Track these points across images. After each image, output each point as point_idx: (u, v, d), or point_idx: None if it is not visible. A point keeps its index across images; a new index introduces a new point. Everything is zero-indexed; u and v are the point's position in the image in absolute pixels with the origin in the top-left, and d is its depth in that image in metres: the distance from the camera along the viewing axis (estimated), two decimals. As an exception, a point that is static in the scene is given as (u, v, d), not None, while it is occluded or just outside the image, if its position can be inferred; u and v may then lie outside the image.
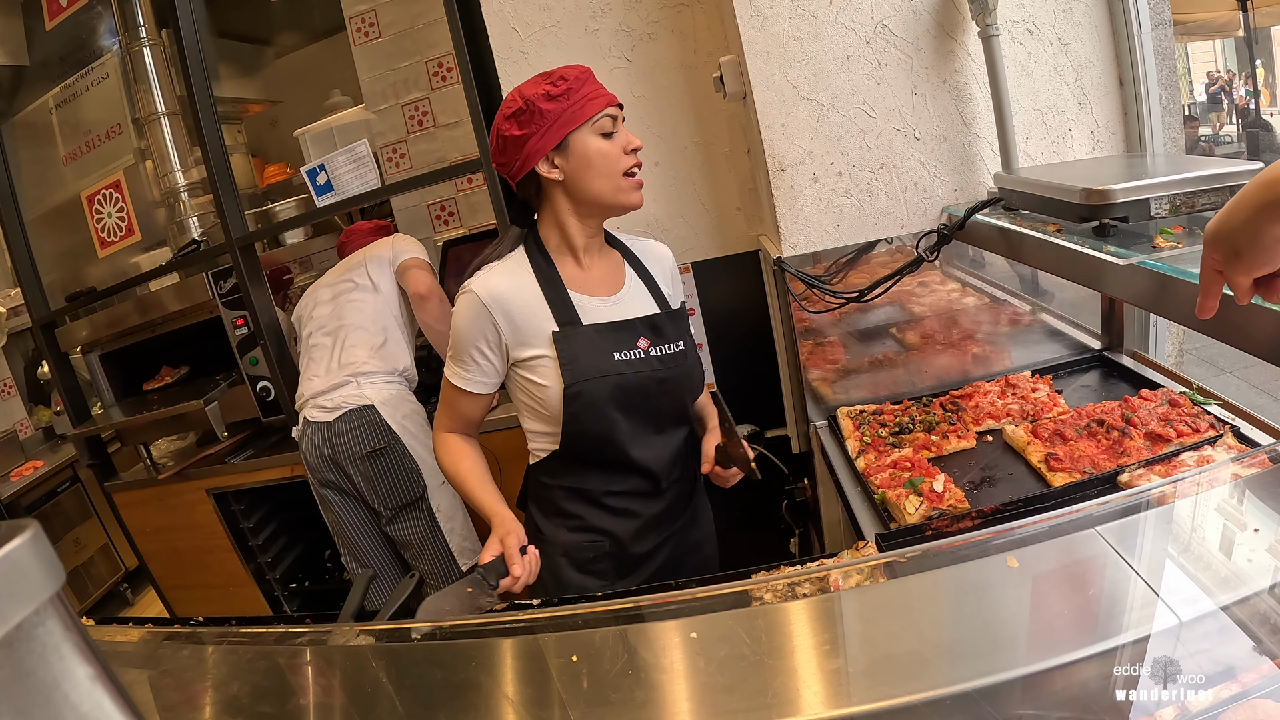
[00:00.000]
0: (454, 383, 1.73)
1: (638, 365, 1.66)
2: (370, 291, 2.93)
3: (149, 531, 3.68)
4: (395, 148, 3.37)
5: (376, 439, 2.77)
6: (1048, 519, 0.94)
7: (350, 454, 2.77)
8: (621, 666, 0.82)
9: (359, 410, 2.77)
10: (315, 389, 2.84)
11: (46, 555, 0.38)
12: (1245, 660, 0.77)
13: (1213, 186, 1.49)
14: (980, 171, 2.23)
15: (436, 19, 3.07)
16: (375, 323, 2.90)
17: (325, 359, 2.89)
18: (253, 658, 1.03)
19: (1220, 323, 1.15)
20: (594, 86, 1.63)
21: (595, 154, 1.61)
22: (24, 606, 0.37)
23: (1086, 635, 0.74)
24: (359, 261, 2.99)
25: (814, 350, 2.33)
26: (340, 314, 2.92)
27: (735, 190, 2.70)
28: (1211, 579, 0.82)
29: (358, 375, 2.82)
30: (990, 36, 2.00)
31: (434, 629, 1.02)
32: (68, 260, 3.84)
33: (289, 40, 4.45)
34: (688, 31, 2.55)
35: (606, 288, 1.74)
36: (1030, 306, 2.39)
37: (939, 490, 1.69)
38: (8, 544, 0.37)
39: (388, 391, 2.85)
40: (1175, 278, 1.25)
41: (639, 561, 1.80)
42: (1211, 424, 1.73)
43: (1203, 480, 0.95)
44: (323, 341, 2.92)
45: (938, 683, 0.72)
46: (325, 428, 2.78)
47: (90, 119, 3.68)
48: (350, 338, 2.87)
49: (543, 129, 1.60)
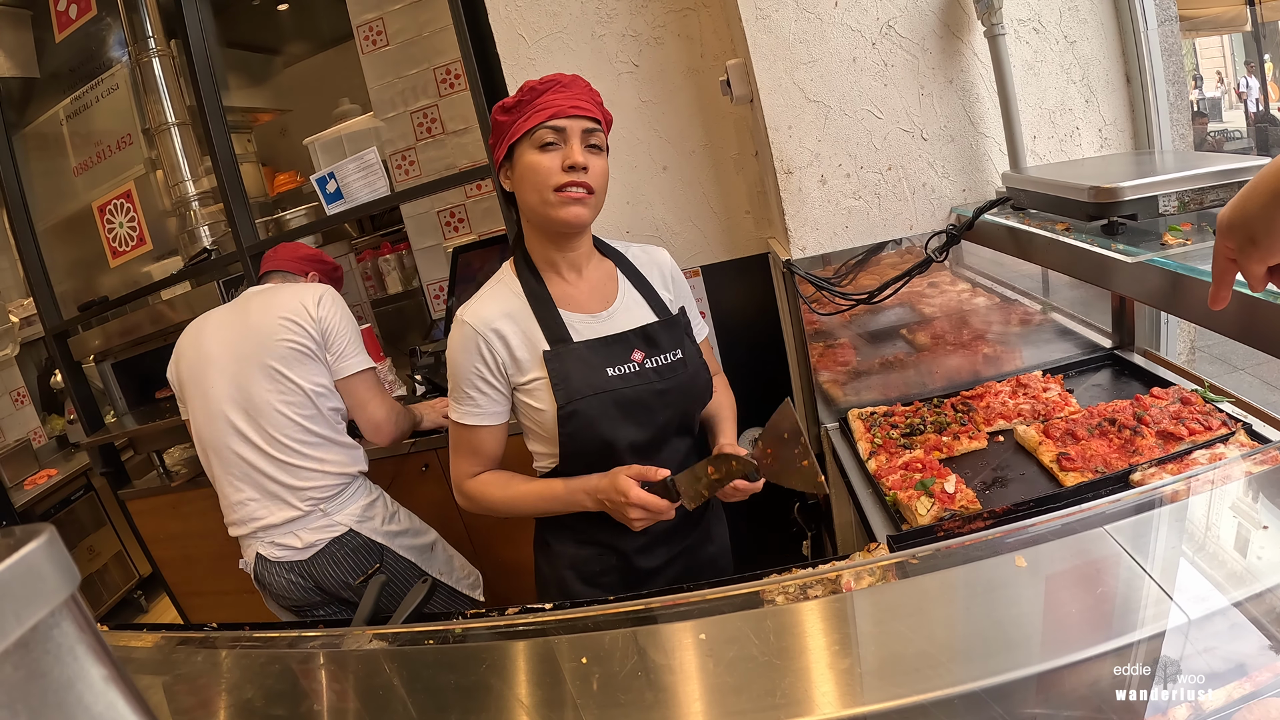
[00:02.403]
0: (465, 422, 1.69)
1: (633, 379, 1.63)
2: (293, 389, 2.29)
3: (163, 539, 3.70)
4: (404, 155, 3.38)
5: (368, 561, 2.37)
6: (1054, 518, 0.94)
7: (340, 584, 2.34)
8: (631, 668, 0.82)
9: (338, 541, 2.33)
10: (263, 522, 2.31)
11: (62, 558, 0.39)
12: (1258, 659, 0.77)
13: (1221, 183, 1.49)
14: (988, 171, 2.23)
15: (444, 26, 3.08)
16: (311, 434, 2.32)
17: (259, 480, 2.30)
18: (266, 662, 1.04)
19: (1231, 319, 1.15)
20: (553, 97, 1.56)
21: (527, 167, 1.57)
22: (40, 608, 0.37)
23: (1096, 634, 0.74)
24: (268, 335, 2.28)
25: (824, 352, 2.33)
26: (258, 410, 2.27)
27: (744, 193, 2.70)
28: (1222, 576, 0.82)
29: (322, 502, 2.33)
30: (996, 35, 2.00)
31: (447, 631, 1.02)
32: (80, 270, 3.88)
33: (297, 49, 4.48)
34: (694, 36, 2.56)
35: (598, 302, 1.71)
36: (1041, 306, 2.38)
37: (950, 491, 1.68)
38: (24, 548, 0.37)
39: (359, 504, 2.40)
40: (1185, 275, 1.25)
41: (648, 576, 1.77)
42: (1224, 421, 1.72)
43: (1213, 478, 0.95)
44: (246, 454, 2.29)
45: (945, 683, 0.72)
46: (299, 566, 2.32)
47: (101, 130, 3.72)
48: (289, 454, 2.29)
49: (499, 140, 1.60)
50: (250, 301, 2.38)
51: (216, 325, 2.38)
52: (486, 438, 1.71)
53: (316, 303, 2.31)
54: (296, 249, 2.60)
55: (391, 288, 4.16)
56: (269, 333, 2.26)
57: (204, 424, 2.34)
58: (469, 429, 1.70)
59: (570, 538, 1.76)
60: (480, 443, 1.72)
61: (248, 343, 2.28)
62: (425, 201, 3.60)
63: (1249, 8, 7.65)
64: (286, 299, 2.32)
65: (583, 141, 1.58)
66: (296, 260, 2.57)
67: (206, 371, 2.32)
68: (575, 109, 1.56)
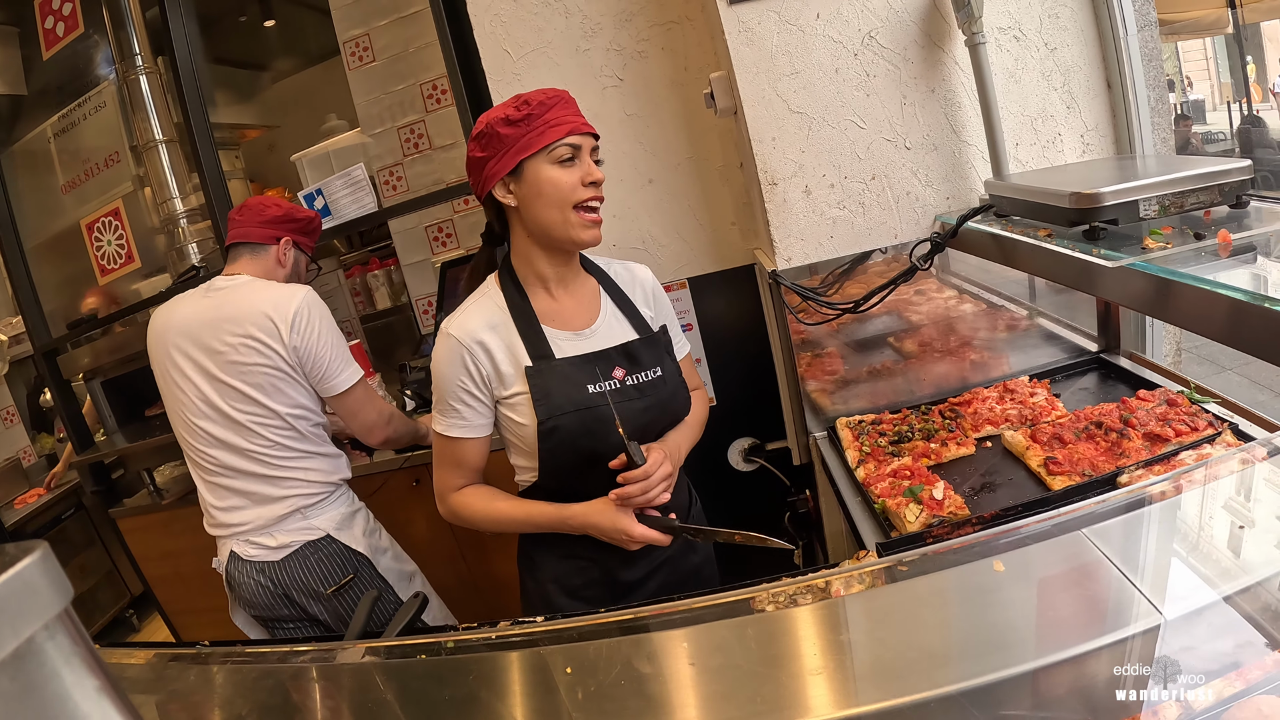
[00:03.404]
0: (449, 434, 1.69)
1: (614, 396, 1.64)
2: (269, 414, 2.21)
3: (154, 557, 3.68)
4: (392, 170, 3.38)
5: (342, 570, 2.28)
6: (1032, 522, 0.95)
7: (310, 593, 2.26)
8: (615, 677, 0.83)
9: (312, 545, 2.26)
10: (237, 520, 2.26)
11: (55, 573, 0.41)
12: (1247, 657, 0.78)
13: (1201, 185, 1.50)
14: (972, 179, 2.25)
15: (430, 42, 3.09)
16: (292, 450, 2.26)
17: (238, 485, 2.26)
18: (258, 677, 1.04)
19: (1210, 320, 1.16)
20: (561, 112, 1.57)
21: (546, 182, 1.56)
22: (34, 622, 0.39)
23: (1078, 635, 0.75)
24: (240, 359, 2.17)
25: (812, 362, 2.34)
26: (236, 426, 2.21)
27: (730, 205, 2.72)
28: (1207, 574, 0.82)
29: (304, 507, 2.27)
30: (977, 44, 2.02)
31: (437, 644, 1.03)
32: (69, 288, 3.87)
33: (285, 65, 4.49)
34: (678, 49, 2.57)
35: (581, 319, 1.72)
36: (1027, 311, 2.40)
37: (939, 498, 1.69)
38: (18, 563, 0.39)
39: (340, 511, 2.34)
40: (1165, 278, 1.26)
41: (631, 588, 1.77)
42: (1210, 422, 1.74)
43: (1194, 477, 0.96)
44: (225, 460, 2.24)
45: (923, 686, 0.73)
46: (269, 567, 2.25)
47: (88, 147, 3.71)
48: (269, 466, 2.24)
49: (499, 153, 1.58)
50: (221, 308, 2.20)
51: (183, 332, 2.23)
52: (470, 450, 1.72)
53: (290, 324, 2.15)
54: (263, 210, 2.38)
55: (380, 303, 4.16)
56: (241, 356, 2.16)
57: (181, 431, 2.29)
58: (453, 441, 1.70)
59: (554, 553, 1.77)
60: (464, 455, 1.72)
61: (218, 360, 2.18)
62: (413, 217, 3.61)
63: (1230, 10, 7.71)
64: (257, 317, 2.15)
65: (592, 157, 1.61)
66: (264, 225, 2.36)
67: (179, 382, 2.24)
68: (586, 125, 1.59)
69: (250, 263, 2.35)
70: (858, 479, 1.95)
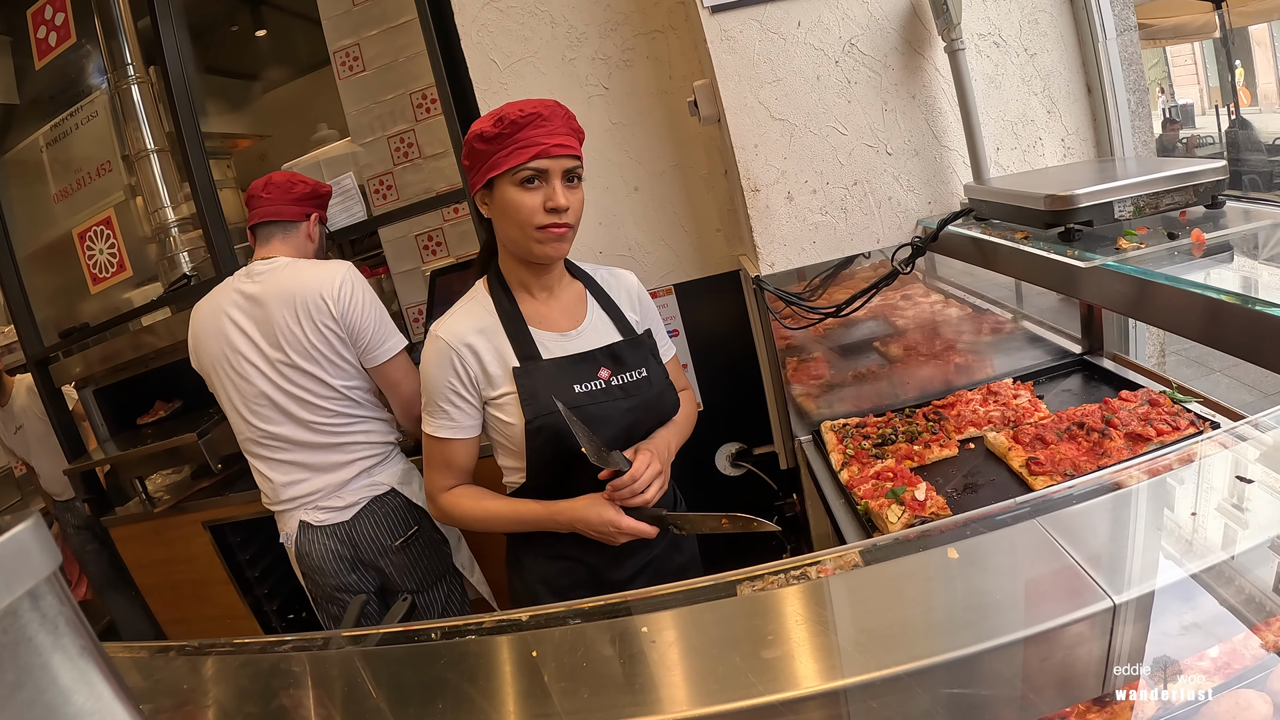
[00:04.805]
0: (438, 435, 1.72)
1: (599, 396, 1.68)
2: (327, 388, 2.28)
3: (146, 565, 3.67)
4: (382, 179, 3.40)
5: (406, 524, 2.37)
6: (988, 511, 0.97)
7: (379, 548, 2.34)
8: (580, 659, 0.86)
9: (379, 500, 2.34)
10: (304, 491, 2.32)
11: (45, 540, 0.46)
12: (1228, 650, 0.79)
13: (1176, 186, 1.52)
14: (953, 184, 2.27)
15: (418, 52, 3.11)
16: (352, 417, 2.33)
17: (303, 457, 2.32)
18: (240, 665, 1.06)
19: (1183, 318, 1.18)
20: (533, 132, 1.56)
21: (509, 203, 1.59)
22: (27, 580, 0.45)
23: (1024, 620, 0.76)
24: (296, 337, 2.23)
25: (797, 366, 2.35)
26: (297, 402, 2.27)
27: (714, 212, 2.73)
28: (1175, 558, 0.83)
29: (369, 468, 2.36)
30: (956, 50, 2.03)
31: (409, 632, 1.05)
32: (60, 297, 3.87)
33: (275, 75, 4.51)
34: (663, 57, 2.60)
35: (567, 321, 1.75)
36: (1012, 314, 2.41)
37: (921, 498, 1.70)
38: (13, 529, 0.45)
39: (400, 467, 2.44)
40: (1137, 278, 1.28)
41: (617, 587, 1.78)
42: (1192, 421, 1.76)
43: (1153, 466, 0.98)
44: (289, 434, 2.29)
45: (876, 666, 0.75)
46: (339, 529, 2.31)
47: (80, 156, 3.72)
48: (332, 435, 2.31)
49: (475, 167, 1.62)
50: (270, 291, 2.25)
51: (237, 319, 2.28)
52: (459, 450, 1.75)
53: (336, 298, 2.21)
54: (290, 188, 2.44)
55: (371, 311, 4.15)
56: (298, 335, 2.22)
57: (242, 414, 2.32)
58: (443, 442, 1.73)
59: (541, 553, 1.79)
60: (453, 455, 1.75)
61: (275, 342, 2.23)
62: (403, 225, 3.61)
63: (1217, 13, 7.76)
64: (310, 296, 2.21)
65: (563, 180, 1.60)
66: (293, 202, 2.43)
67: (237, 367, 2.28)
68: (559, 147, 1.57)
69: (283, 243, 2.41)
70: (842, 481, 1.96)
